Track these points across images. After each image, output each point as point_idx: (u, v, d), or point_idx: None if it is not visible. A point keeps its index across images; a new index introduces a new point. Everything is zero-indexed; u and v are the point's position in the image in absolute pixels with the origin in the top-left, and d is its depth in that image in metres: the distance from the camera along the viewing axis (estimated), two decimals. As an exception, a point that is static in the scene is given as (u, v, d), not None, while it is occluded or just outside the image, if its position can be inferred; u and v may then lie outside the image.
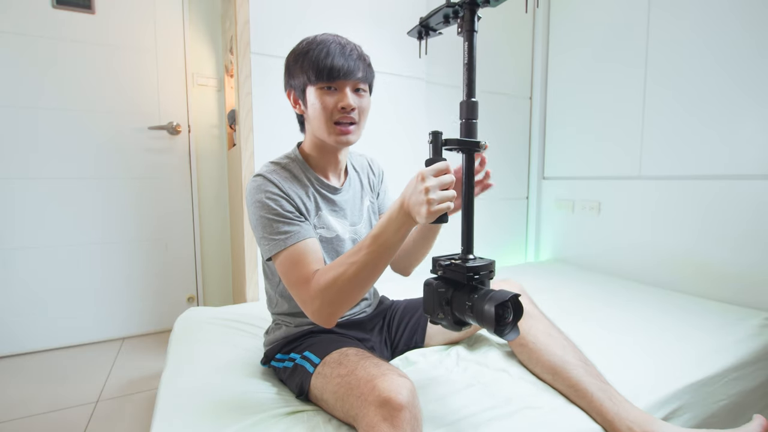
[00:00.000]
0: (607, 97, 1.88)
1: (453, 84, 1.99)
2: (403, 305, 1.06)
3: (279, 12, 1.52)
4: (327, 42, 0.78)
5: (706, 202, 1.51)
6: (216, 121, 2.16)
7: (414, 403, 0.62)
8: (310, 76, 0.77)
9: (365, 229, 0.95)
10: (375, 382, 0.62)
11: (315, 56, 0.77)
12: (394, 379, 0.62)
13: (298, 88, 0.82)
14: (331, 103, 0.78)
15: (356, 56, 0.79)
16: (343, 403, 0.67)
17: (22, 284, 1.76)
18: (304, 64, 0.78)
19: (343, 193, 0.91)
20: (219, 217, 2.20)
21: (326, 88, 0.78)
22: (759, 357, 1.07)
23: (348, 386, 0.67)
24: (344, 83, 0.78)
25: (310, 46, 0.78)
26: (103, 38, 1.83)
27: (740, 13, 1.40)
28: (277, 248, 0.75)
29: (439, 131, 0.68)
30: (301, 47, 0.81)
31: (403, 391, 0.60)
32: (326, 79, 0.77)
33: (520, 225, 2.33)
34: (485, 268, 0.68)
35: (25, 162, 1.74)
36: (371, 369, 0.66)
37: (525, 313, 0.94)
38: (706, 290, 1.50)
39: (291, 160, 0.87)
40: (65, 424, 1.26)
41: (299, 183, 0.84)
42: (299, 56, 0.79)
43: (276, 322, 0.95)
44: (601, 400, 0.78)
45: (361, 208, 0.96)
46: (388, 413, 0.58)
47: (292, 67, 0.81)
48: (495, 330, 0.61)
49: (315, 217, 0.85)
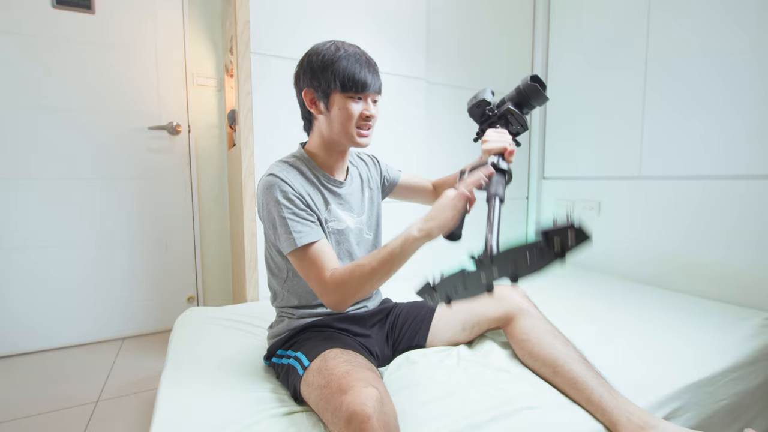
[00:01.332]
0: (607, 97, 1.88)
1: (453, 84, 1.99)
2: (408, 306, 1.07)
3: (279, 12, 1.52)
4: (357, 55, 0.85)
5: (707, 202, 1.50)
6: (216, 121, 2.16)
7: (382, 410, 0.62)
8: (342, 84, 0.83)
9: (368, 218, 1.00)
10: (341, 398, 0.64)
11: (350, 68, 0.83)
12: (359, 392, 0.63)
13: (322, 91, 0.85)
14: (357, 111, 0.86)
15: (377, 72, 0.88)
16: (323, 415, 0.70)
17: (22, 284, 1.76)
18: (336, 72, 0.83)
19: (347, 186, 0.96)
20: (219, 217, 2.20)
21: (356, 97, 0.85)
22: (759, 357, 1.07)
23: (325, 400, 0.69)
24: (368, 95, 0.87)
25: (340, 55, 0.84)
26: (103, 38, 1.83)
27: (739, 14, 1.40)
28: (297, 244, 0.81)
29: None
30: (329, 54, 0.84)
31: (368, 402, 0.62)
32: (357, 90, 0.84)
33: (520, 225, 2.34)
34: None
35: (24, 162, 1.74)
36: (342, 381, 0.68)
37: (527, 313, 0.97)
38: (706, 290, 1.49)
39: (298, 158, 0.92)
40: (65, 424, 1.27)
41: (307, 180, 0.89)
42: (329, 63, 0.83)
43: (279, 315, 0.97)
44: (600, 393, 0.79)
45: (362, 199, 1.00)
46: (356, 427, 0.60)
47: (319, 70, 0.84)
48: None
49: (325, 212, 0.90)
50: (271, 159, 1.00)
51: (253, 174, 1.51)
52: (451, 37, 1.98)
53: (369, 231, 1.01)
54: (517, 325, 0.96)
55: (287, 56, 1.53)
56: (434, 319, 1.03)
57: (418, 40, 1.85)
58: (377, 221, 1.04)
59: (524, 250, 0.56)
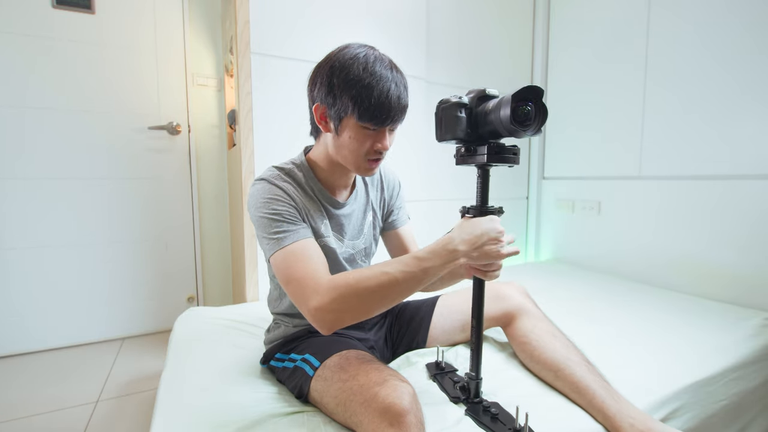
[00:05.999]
0: (607, 97, 1.88)
1: (453, 84, 1.99)
2: (406, 307, 1.06)
3: (279, 12, 1.52)
4: (386, 79, 0.72)
5: (706, 202, 1.50)
6: (216, 121, 2.16)
7: (417, 407, 0.62)
8: (360, 114, 0.72)
9: (363, 244, 0.94)
10: (376, 389, 0.62)
11: (374, 99, 0.70)
12: (395, 385, 0.62)
13: (336, 112, 0.74)
14: (369, 143, 0.76)
15: (407, 95, 0.76)
16: (345, 408, 0.67)
17: (22, 284, 1.76)
18: (356, 98, 0.71)
19: (345, 208, 0.89)
20: (219, 217, 2.20)
21: (370, 129, 0.75)
22: (759, 357, 1.07)
23: (350, 392, 0.66)
24: (387, 127, 0.77)
25: (368, 80, 0.71)
26: (103, 38, 1.83)
27: (740, 11, 1.40)
28: (278, 246, 0.73)
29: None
30: (354, 72, 0.71)
31: (405, 396, 0.61)
32: (376, 123, 0.73)
33: (520, 225, 2.34)
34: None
35: (24, 162, 1.73)
36: (372, 375, 0.66)
37: (528, 313, 0.95)
38: (706, 290, 1.49)
39: (296, 166, 0.84)
40: (65, 424, 1.26)
41: (303, 192, 0.82)
42: (351, 84, 0.71)
43: (275, 321, 0.96)
44: (603, 397, 0.78)
45: (362, 223, 0.94)
46: (394, 419, 0.59)
47: (338, 90, 0.72)
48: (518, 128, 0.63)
49: (322, 226, 0.84)
50: (271, 159, 0.97)
51: (253, 174, 1.51)
52: (451, 37, 1.98)
53: (365, 258, 0.95)
54: (517, 325, 0.95)
55: (287, 56, 1.53)
56: (434, 319, 1.02)
57: (418, 40, 1.86)
58: (372, 249, 0.97)
59: None
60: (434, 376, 0.88)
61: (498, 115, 0.65)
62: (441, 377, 0.87)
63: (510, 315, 0.96)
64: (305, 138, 0.94)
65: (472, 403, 0.78)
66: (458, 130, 0.71)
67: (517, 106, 0.64)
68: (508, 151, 0.71)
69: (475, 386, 0.78)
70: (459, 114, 0.71)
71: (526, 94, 0.63)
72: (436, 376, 0.88)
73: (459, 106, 0.71)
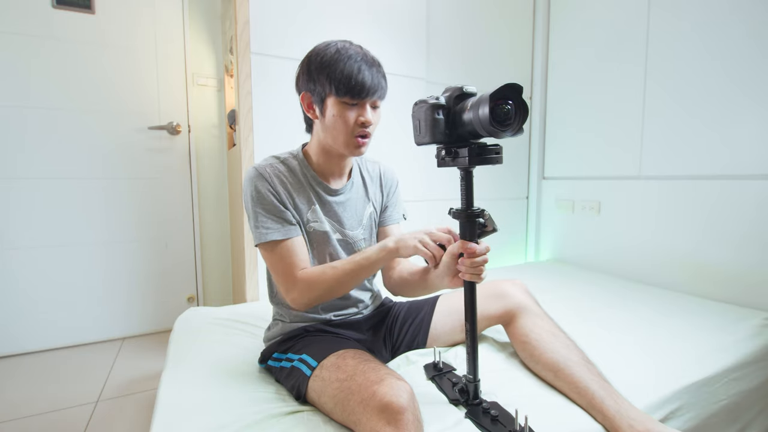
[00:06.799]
0: (608, 97, 1.88)
1: (453, 84, 1.99)
2: (407, 307, 1.06)
3: (279, 12, 1.52)
4: (356, 57, 0.79)
5: (706, 201, 1.50)
6: (216, 121, 2.16)
7: (414, 405, 0.63)
8: (337, 88, 0.78)
9: (363, 235, 0.96)
10: (374, 388, 0.63)
11: (346, 71, 0.77)
12: (393, 383, 0.63)
13: (317, 95, 0.82)
14: (352, 118, 0.81)
15: (381, 75, 0.82)
16: (343, 408, 0.68)
17: (22, 284, 1.76)
18: (331, 75, 0.78)
19: (340, 196, 0.93)
20: (219, 217, 2.20)
21: (350, 103, 0.80)
22: (759, 357, 1.07)
23: (348, 391, 0.67)
24: (366, 101, 0.81)
25: (339, 58, 0.78)
26: (103, 38, 1.83)
27: (740, 12, 1.40)
28: (263, 239, 0.83)
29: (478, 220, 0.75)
30: (328, 55, 0.79)
31: (403, 394, 0.61)
32: (353, 96, 0.79)
33: (520, 225, 2.33)
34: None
35: (25, 162, 1.74)
36: (370, 374, 0.67)
37: (529, 311, 0.95)
38: (706, 290, 1.49)
39: (293, 156, 0.91)
40: (65, 424, 1.27)
41: (295, 178, 0.88)
42: (326, 65, 0.79)
43: (275, 318, 0.97)
44: (602, 398, 0.77)
45: (362, 213, 0.97)
46: (392, 417, 0.59)
47: (315, 73, 0.80)
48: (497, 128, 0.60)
49: (309, 211, 0.89)
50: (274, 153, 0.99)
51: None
52: (451, 37, 1.98)
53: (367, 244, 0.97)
54: (517, 324, 0.94)
55: (287, 56, 1.53)
56: (434, 319, 1.02)
57: (418, 40, 1.86)
58: (374, 241, 1.00)
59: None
60: (432, 378, 0.88)
61: (476, 115, 0.62)
62: (439, 378, 0.87)
63: (511, 313, 0.96)
64: (305, 138, 0.98)
65: (472, 405, 0.78)
66: (437, 132, 0.69)
67: (496, 105, 0.60)
68: (490, 151, 0.68)
69: (474, 388, 0.78)
70: (437, 116, 0.69)
71: (504, 93, 0.60)
72: (434, 377, 0.88)
73: (436, 108, 0.69)
